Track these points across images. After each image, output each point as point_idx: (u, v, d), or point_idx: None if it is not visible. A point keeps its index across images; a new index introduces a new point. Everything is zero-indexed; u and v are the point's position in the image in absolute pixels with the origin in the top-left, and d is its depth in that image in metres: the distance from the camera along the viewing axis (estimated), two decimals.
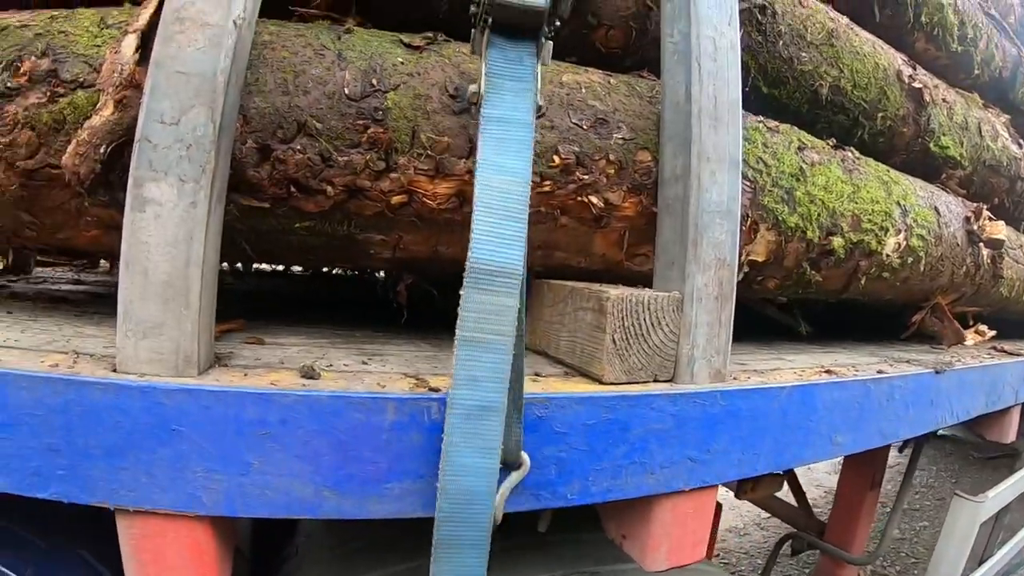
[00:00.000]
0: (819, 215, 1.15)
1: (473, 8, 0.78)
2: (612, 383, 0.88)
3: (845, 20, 1.30)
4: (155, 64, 0.78)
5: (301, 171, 0.87)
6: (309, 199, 0.89)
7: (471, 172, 0.88)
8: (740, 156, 0.96)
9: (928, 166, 1.46)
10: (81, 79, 0.88)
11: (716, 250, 0.94)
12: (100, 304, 1.34)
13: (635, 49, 1.07)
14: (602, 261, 1.00)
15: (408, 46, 0.91)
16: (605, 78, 0.98)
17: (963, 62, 1.57)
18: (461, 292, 0.71)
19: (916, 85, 1.38)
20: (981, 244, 1.48)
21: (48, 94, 0.89)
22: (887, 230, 1.27)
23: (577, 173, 0.91)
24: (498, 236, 0.71)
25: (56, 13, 0.95)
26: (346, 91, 0.87)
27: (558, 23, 0.79)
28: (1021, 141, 1.83)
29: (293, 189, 0.88)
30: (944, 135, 1.46)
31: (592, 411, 0.84)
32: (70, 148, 0.87)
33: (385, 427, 0.74)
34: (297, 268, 2.66)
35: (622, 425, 0.86)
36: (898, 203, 1.30)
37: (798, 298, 1.29)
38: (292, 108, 0.86)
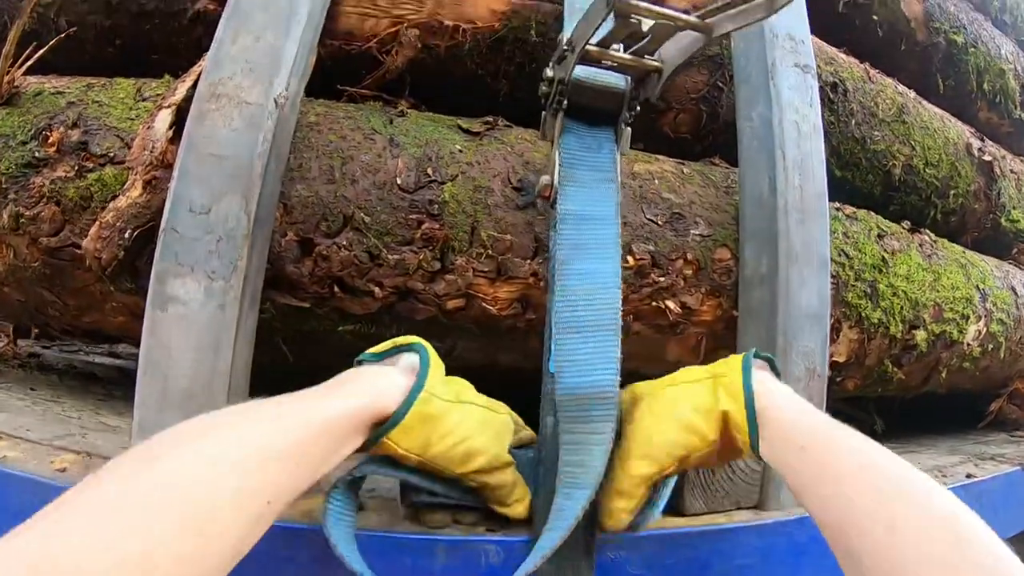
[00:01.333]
0: (902, 308, 1.01)
1: (544, 88, 0.66)
2: (693, 515, 0.74)
3: (912, 94, 1.18)
4: (186, 145, 0.67)
5: (347, 269, 0.75)
6: (355, 300, 0.76)
7: (536, 275, 0.75)
8: (828, 253, 0.83)
9: (998, 242, 1.33)
10: (111, 154, 0.78)
11: (806, 360, 0.81)
12: (130, 384, 1.22)
13: (705, 134, 0.95)
14: (676, 367, 0.86)
15: (466, 132, 0.79)
16: (678, 167, 0.86)
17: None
18: (543, 423, 0.58)
19: (986, 158, 1.25)
20: None
21: (76, 168, 0.79)
22: (968, 317, 1.13)
23: (652, 275, 0.78)
24: (587, 355, 0.58)
25: (94, 81, 0.85)
26: (398, 181, 0.75)
27: (638, 108, 0.68)
28: None
29: (337, 289, 0.76)
30: (1014, 208, 1.33)
31: (672, 550, 0.70)
32: (92, 231, 0.76)
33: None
34: None
35: (703, 564, 0.72)
36: (977, 287, 1.16)
37: (873, 395, 1.14)
38: (338, 198, 0.75)
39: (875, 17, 1.17)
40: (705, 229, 0.82)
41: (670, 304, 0.80)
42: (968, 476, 1.06)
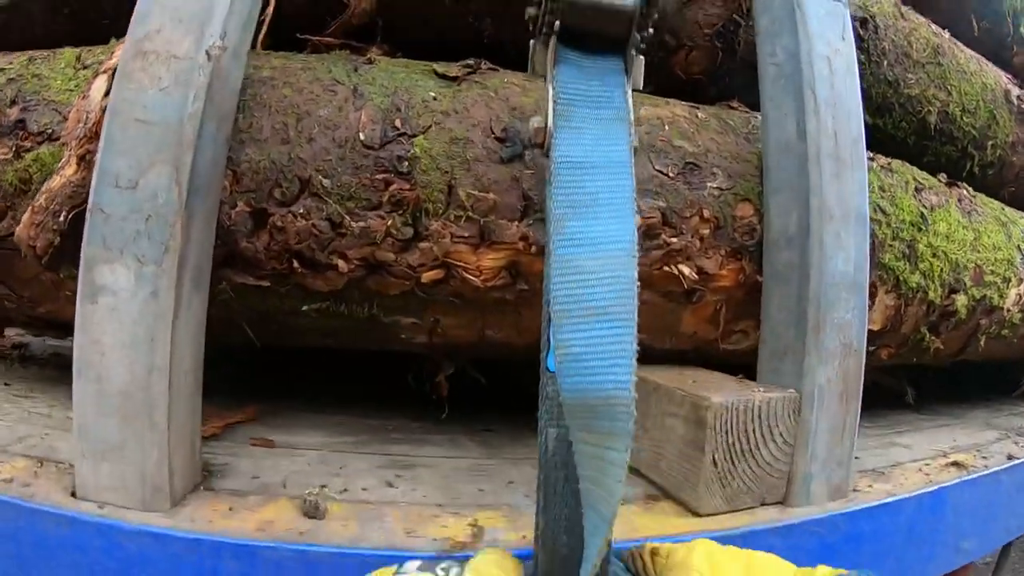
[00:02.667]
0: (941, 271, 0.87)
1: (531, 10, 0.50)
2: (710, 514, 0.61)
3: (947, 34, 1.02)
4: (111, 111, 0.54)
5: (305, 241, 0.62)
6: (318, 276, 0.63)
7: (526, 238, 0.61)
8: (867, 209, 0.69)
9: None
10: (49, 131, 0.66)
11: (842, 334, 0.67)
12: None
13: (721, 74, 0.80)
14: (691, 341, 0.73)
15: (443, 77, 0.65)
16: (691, 111, 0.71)
17: None
18: (542, 434, 0.44)
19: None
20: None
21: (14, 149, 0.67)
22: (1009, 280, 0.98)
23: (663, 236, 0.64)
24: (595, 348, 0.40)
25: (37, 54, 0.73)
26: (361, 137, 0.62)
27: (652, 29, 0.52)
28: None
29: (297, 264, 0.63)
30: None
31: None
32: (25, 217, 0.65)
33: None
34: None
35: None
36: (1018, 247, 1.01)
37: (906, 365, 1.00)
38: (293, 160, 0.61)
39: None
40: (724, 181, 0.68)
41: (684, 269, 0.66)
42: (1009, 457, 0.93)
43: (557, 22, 0.48)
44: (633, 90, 0.53)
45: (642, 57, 0.53)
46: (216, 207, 0.60)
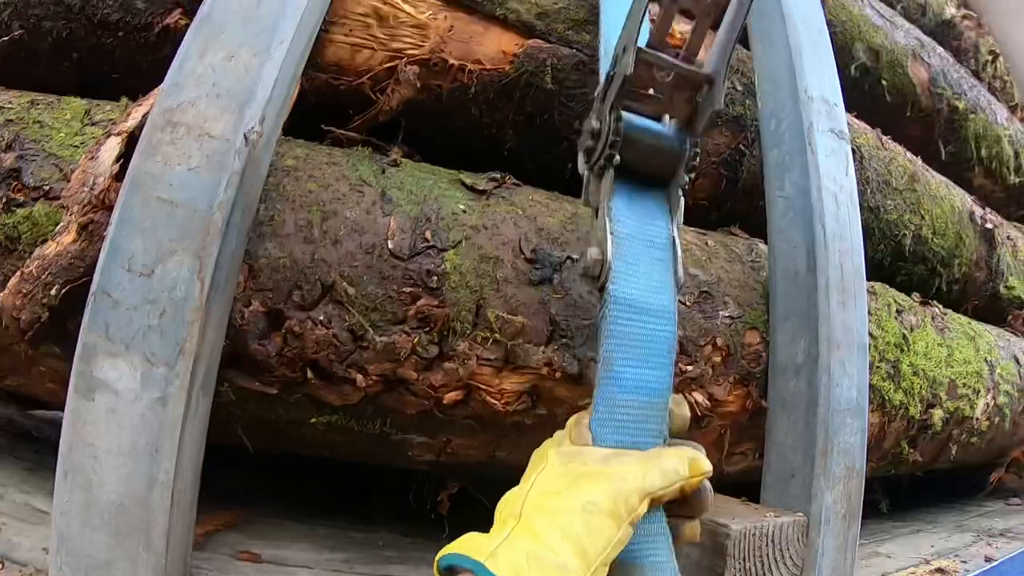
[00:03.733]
0: (921, 387, 0.90)
1: (589, 142, 0.51)
2: None
3: (920, 161, 1.09)
4: (130, 183, 0.51)
5: (324, 351, 0.59)
6: (332, 388, 0.60)
7: (551, 364, 0.60)
8: (867, 336, 0.72)
9: (995, 310, 1.25)
10: (47, 187, 0.61)
11: (846, 458, 0.68)
12: None
13: (723, 200, 0.82)
14: None
15: (471, 189, 0.65)
16: (701, 238, 0.73)
17: (1016, 194, 1.38)
18: None
19: (988, 225, 1.17)
20: None
21: (4, 200, 0.61)
22: (979, 392, 1.03)
23: (680, 364, 0.65)
24: None
25: (40, 98, 0.68)
26: (390, 245, 0.60)
27: (694, 172, 0.53)
28: None
29: (311, 374, 0.60)
30: (1011, 276, 1.25)
31: None
32: (11, 283, 0.59)
33: None
34: None
35: None
36: (985, 359, 1.06)
37: (883, 475, 1.03)
38: (316, 262, 0.59)
39: (884, 82, 1.07)
40: (735, 310, 0.69)
41: (698, 396, 0.66)
42: (987, 559, 0.96)
43: (616, 156, 0.49)
44: (678, 227, 0.54)
45: (683, 197, 0.55)
46: (230, 303, 0.56)
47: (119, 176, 0.58)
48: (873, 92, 1.06)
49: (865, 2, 1.06)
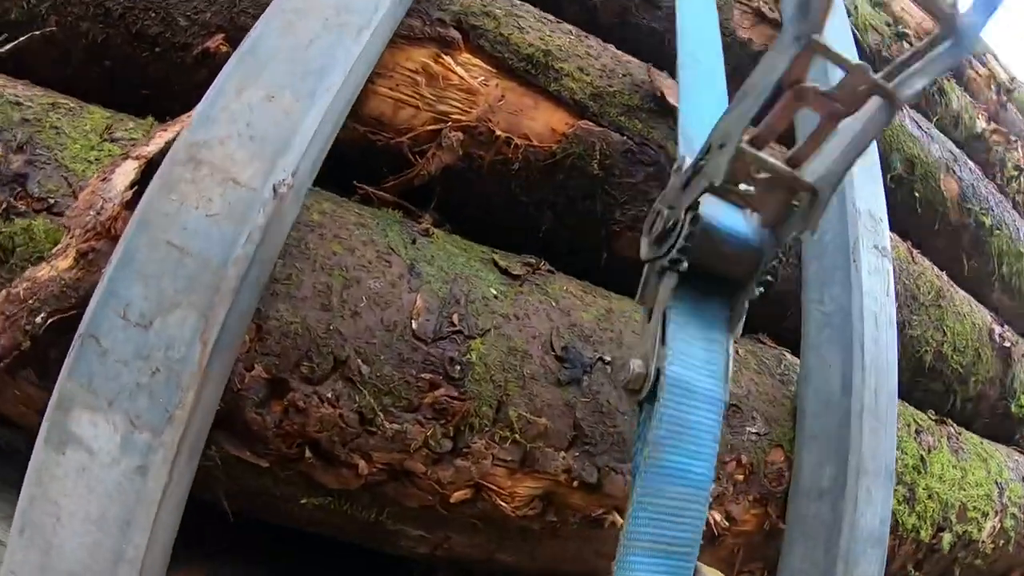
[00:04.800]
0: (933, 511, 0.86)
1: (659, 229, 0.45)
2: None
3: (946, 276, 1.06)
4: (139, 220, 0.46)
5: (327, 431, 0.54)
6: (330, 471, 0.55)
7: (569, 471, 0.56)
8: (895, 463, 0.67)
9: (1005, 428, 1.21)
10: (52, 200, 0.55)
11: None
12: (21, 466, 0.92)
13: (753, 306, 0.78)
14: None
15: (504, 272, 0.60)
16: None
17: None
18: None
19: (1006, 344, 1.14)
20: None
21: (3, 206, 0.55)
22: (987, 514, 0.99)
23: None
24: None
25: (63, 100, 0.62)
26: (413, 325, 0.55)
27: (769, 280, 0.47)
28: None
29: (309, 453, 0.55)
30: (1023, 394, 1.22)
31: None
32: None
33: None
34: None
35: None
36: (996, 481, 1.03)
37: None
38: (331, 333, 0.54)
39: (916, 194, 1.05)
40: (762, 426, 0.65)
41: (715, 515, 0.62)
42: None
43: (685, 263, 0.44)
44: (735, 340, 0.50)
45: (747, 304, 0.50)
46: (232, 363, 0.51)
47: (131, 205, 0.53)
48: (905, 203, 1.03)
49: (905, 112, 1.04)
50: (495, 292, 0.58)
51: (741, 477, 0.63)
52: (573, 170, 0.67)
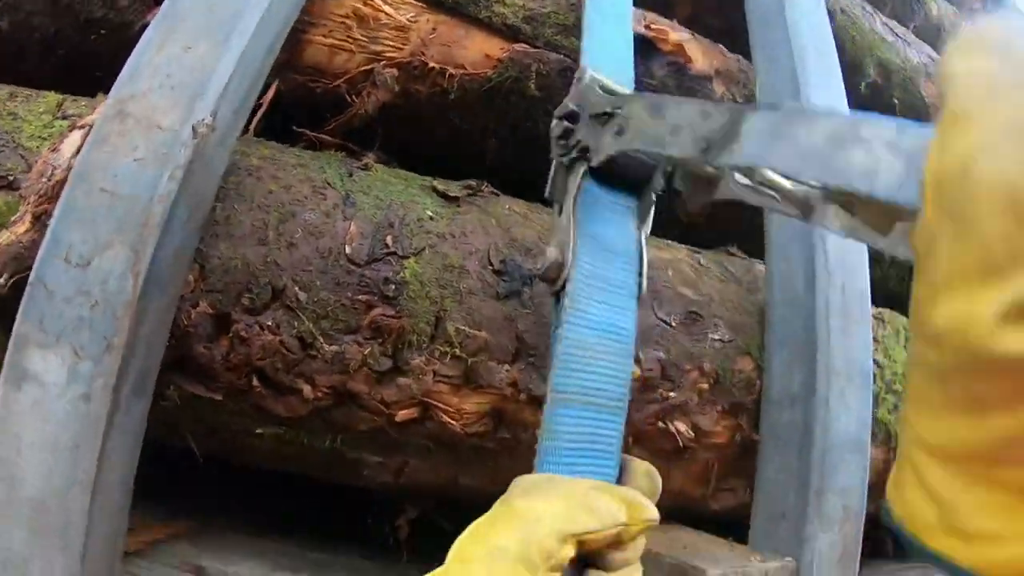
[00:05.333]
0: None
1: (566, 125, 0.46)
2: None
3: None
4: (76, 173, 0.48)
5: (270, 358, 0.54)
6: (278, 399, 0.55)
7: (515, 384, 0.55)
8: (871, 365, 0.64)
9: None
10: (11, 177, 0.57)
11: (843, 498, 0.61)
12: None
13: (720, 217, 0.75)
14: (676, 498, 0.66)
15: (442, 195, 0.60)
16: (693, 256, 0.67)
17: None
18: None
19: None
20: None
21: None
22: None
23: (661, 389, 0.58)
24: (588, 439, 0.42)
25: (19, 91, 0.65)
26: (347, 250, 0.55)
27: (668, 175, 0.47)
28: None
29: (256, 381, 0.55)
30: None
31: None
32: None
33: None
34: None
35: None
36: None
37: None
38: (268, 265, 0.55)
39: (896, 100, 1.01)
40: (726, 333, 0.63)
41: (680, 426, 0.60)
42: None
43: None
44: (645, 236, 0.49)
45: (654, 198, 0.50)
46: (175, 303, 0.53)
47: None
48: (885, 111, 0.99)
49: (877, 19, 1.00)
50: (431, 214, 0.58)
51: (706, 386, 0.61)
52: (511, 94, 0.66)
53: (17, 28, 0.72)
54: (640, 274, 0.47)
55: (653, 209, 0.50)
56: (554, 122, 0.47)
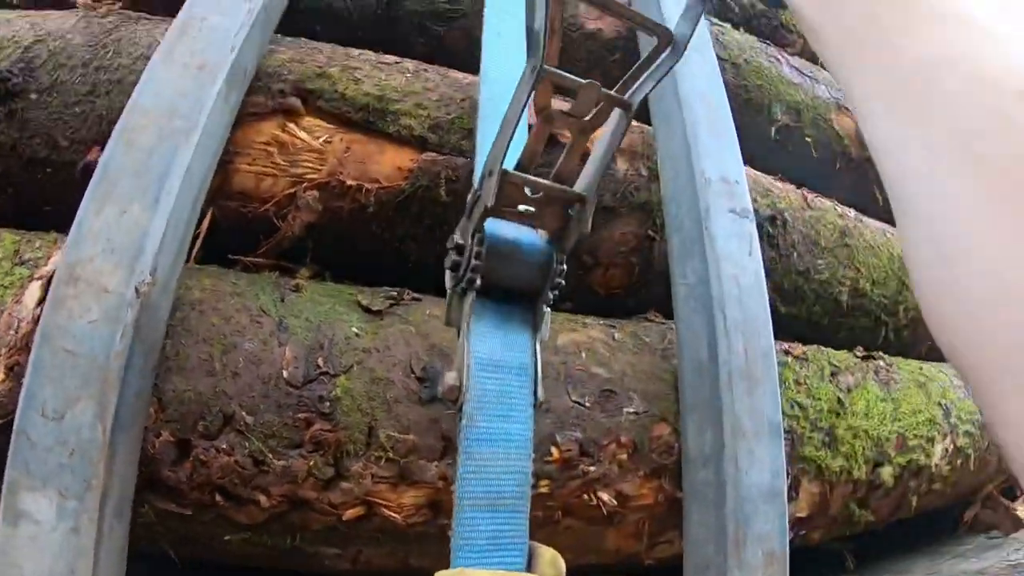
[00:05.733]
0: (863, 449, 0.88)
1: (454, 257, 0.51)
2: None
3: (852, 213, 1.08)
4: (40, 334, 0.54)
5: (228, 476, 0.60)
6: (239, 509, 0.62)
7: (445, 478, 0.61)
8: (780, 418, 0.70)
9: None
10: None
11: (763, 544, 0.66)
12: None
13: (639, 287, 0.82)
14: (616, 555, 0.72)
15: (366, 310, 0.66)
16: (608, 333, 0.73)
17: None
18: None
19: None
20: None
21: None
22: (933, 439, 1.00)
23: (582, 466, 0.65)
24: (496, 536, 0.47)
25: None
26: (285, 374, 0.62)
27: (561, 284, 0.52)
28: None
29: (219, 497, 0.61)
30: None
31: None
32: None
33: None
34: None
35: None
36: (939, 403, 1.03)
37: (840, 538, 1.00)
38: (218, 394, 0.61)
39: (808, 138, 1.07)
40: (640, 405, 0.69)
41: (603, 496, 0.66)
42: None
43: (478, 280, 0.49)
44: (541, 340, 0.55)
45: (549, 311, 0.55)
46: (140, 437, 0.59)
47: (39, 319, 0.61)
48: (799, 151, 1.05)
49: (783, 62, 1.06)
50: (356, 331, 0.64)
51: (624, 456, 0.67)
52: (424, 201, 0.72)
53: None
54: (536, 382, 0.52)
55: (549, 317, 0.56)
56: (447, 255, 0.52)
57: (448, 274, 0.52)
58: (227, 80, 0.66)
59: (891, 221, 1.14)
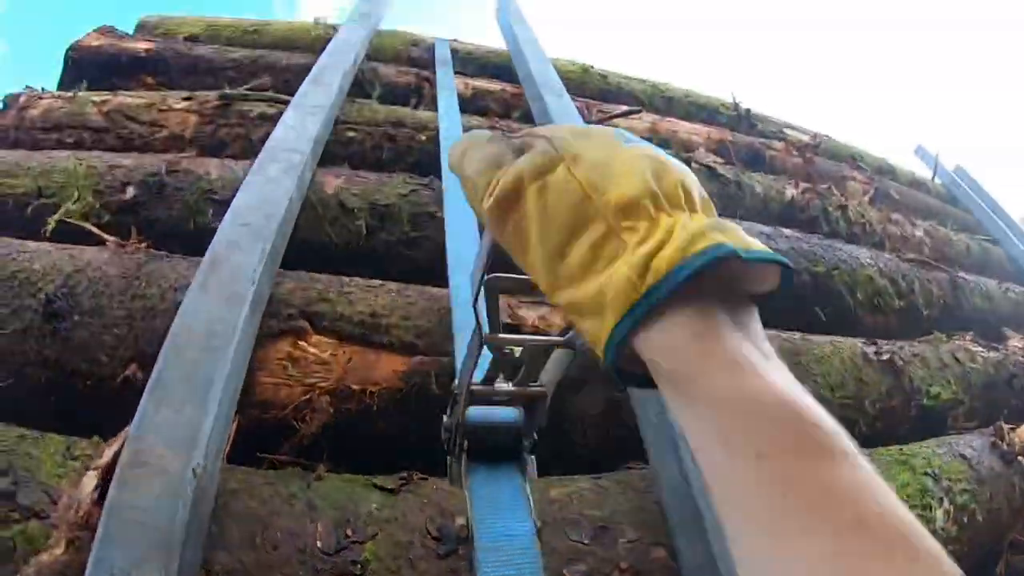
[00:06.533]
0: None
1: (445, 435, 0.68)
2: None
3: (798, 335, 1.24)
4: (109, 509, 0.64)
5: None
6: None
7: None
8: None
9: (931, 421, 1.30)
10: (38, 509, 0.72)
11: None
12: None
13: (618, 442, 0.96)
14: None
15: (382, 489, 0.78)
16: (594, 483, 0.85)
17: (911, 314, 1.50)
18: None
19: (884, 357, 1.28)
20: (1020, 459, 1.26)
21: (2, 516, 0.72)
22: (929, 506, 1.07)
23: None
24: None
25: (27, 432, 0.81)
26: (319, 544, 0.72)
27: (536, 436, 0.68)
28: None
29: None
30: (931, 385, 1.33)
31: None
32: None
33: None
34: None
35: None
36: (926, 473, 1.11)
37: None
38: (260, 566, 0.70)
39: None
40: (633, 534, 0.78)
41: None
42: None
43: (466, 443, 0.65)
44: (530, 480, 0.68)
45: (533, 456, 0.69)
46: None
47: (97, 502, 0.72)
48: None
49: None
50: (375, 506, 0.75)
51: None
52: (420, 398, 0.87)
53: (17, 377, 0.91)
54: (528, 500, 0.66)
55: (534, 461, 0.69)
56: (442, 433, 0.68)
57: (447, 446, 0.67)
58: (251, 306, 0.84)
59: (841, 330, 1.30)
